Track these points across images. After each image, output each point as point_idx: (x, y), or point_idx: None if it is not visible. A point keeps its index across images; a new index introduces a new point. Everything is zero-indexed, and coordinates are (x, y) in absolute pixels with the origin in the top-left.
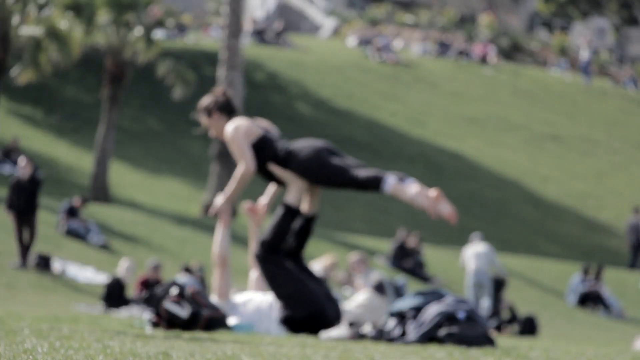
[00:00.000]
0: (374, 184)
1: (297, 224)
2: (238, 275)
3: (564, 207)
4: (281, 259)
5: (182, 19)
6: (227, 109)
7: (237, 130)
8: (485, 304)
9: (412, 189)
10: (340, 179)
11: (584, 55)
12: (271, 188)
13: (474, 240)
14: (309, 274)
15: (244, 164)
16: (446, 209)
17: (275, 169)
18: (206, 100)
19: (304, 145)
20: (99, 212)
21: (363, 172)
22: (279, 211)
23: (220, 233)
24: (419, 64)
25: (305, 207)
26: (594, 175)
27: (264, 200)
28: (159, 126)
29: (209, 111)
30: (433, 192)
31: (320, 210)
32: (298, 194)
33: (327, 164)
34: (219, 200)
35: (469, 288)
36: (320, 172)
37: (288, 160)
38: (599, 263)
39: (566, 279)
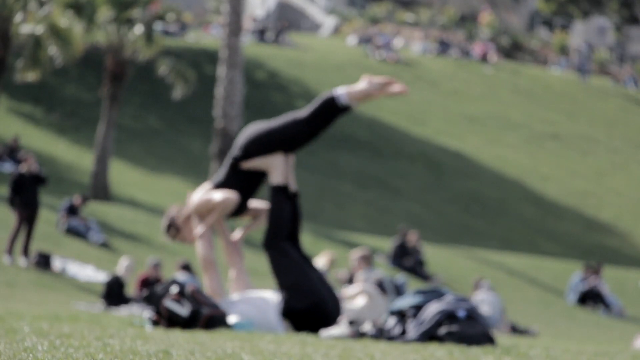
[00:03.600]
0: (330, 106)
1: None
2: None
3: (564, 206)
4: (286, 247)
5: (182, 17)
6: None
7: (194, 195)
8: None
9: (362, 83)
10: (304, 127)
11: (581, 54)
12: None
13: (482, 287)
14: (310, 264)
15: (223, 196)
16: (397, 87)
17: (247, 164)
18: (165, 222)
19: (247, 133)
20: (99, 210)
21: (314, 106)
22: (270, 196)
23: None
24: (419, 62)
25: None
26: (594, 174)
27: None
28: (159, 124)
29: (175, 226)
30: (382, 79)
31: (320, 208)
32: (280, 171)
33: (281, 127)
34: (199, 230)
35: None
36: (284, 136)
37: (249, 152)
38: (599, 262)
39: (566, 277)
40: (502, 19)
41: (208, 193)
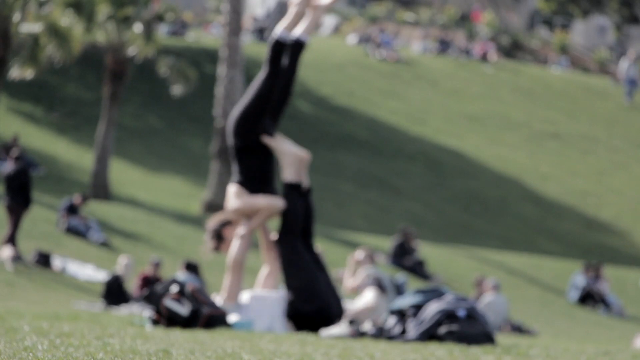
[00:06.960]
0: (279, 48)
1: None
2: (245, 274)
3: (564, 205)
4: (298, 246)
5: (183, 16)
6: (225, 223)
7: (230, 200)
8: None
9: (293, 7)
10: (272, 81)
11: (630, 72)
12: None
13: (488, 287)
14: (319, 265)
15: (269, 201)
16: None
17: (265, 140)
18: (209, 234)
19: (232, 118)
20: (99, 209)
21: (268, 59)
22: (284, 193)
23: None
24: (419, 61)
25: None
26: (595, 173)
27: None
28: (159, 124)
29: (221, 236)
30: None
31: (320, 208)
32: (292, 167)
33: (255, 94)
34: (241, 230)
35: None
36: (261, 100)
37: (243, 134)
38: (599, 261)
39: (566, 277)
40: (502, 18)
41: (252, 197)
